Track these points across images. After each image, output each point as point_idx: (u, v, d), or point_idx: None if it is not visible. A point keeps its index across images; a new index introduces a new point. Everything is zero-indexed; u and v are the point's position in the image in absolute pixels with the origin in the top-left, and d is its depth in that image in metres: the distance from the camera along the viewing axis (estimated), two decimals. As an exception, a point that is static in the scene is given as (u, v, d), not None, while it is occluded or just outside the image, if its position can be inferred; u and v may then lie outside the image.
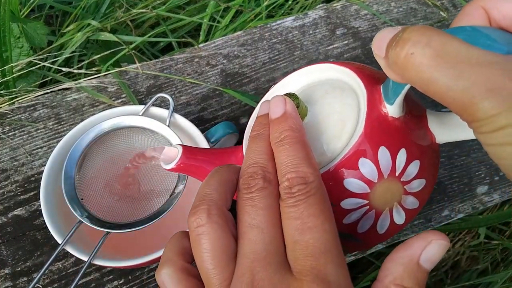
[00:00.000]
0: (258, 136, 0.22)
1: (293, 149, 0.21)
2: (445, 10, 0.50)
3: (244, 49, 0.46)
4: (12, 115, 0.41)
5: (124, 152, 0.33)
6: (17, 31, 0.45)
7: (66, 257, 0.34)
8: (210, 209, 0.20)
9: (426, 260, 0.20)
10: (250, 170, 0.21)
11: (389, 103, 0.22)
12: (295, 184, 0.19)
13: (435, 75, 0.16)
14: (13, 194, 0.37)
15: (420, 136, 0.24)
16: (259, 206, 0.20)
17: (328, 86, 0.25)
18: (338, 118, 0.24)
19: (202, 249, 0.19)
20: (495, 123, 0.15)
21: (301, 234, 0.19)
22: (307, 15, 0.48)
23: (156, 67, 0.44)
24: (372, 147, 0.22)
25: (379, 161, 0.22)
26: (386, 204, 0.23)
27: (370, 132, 0.22)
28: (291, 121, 0.22)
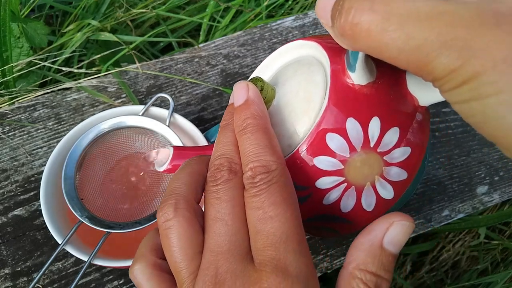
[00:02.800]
0: (226, 126, 0.22)
1: (255, 138, 0.20)
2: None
3: (244, 49, 0.46)
4: (12, 115, 0.41)
5: (124, 152, 0.33)
6: (17, 31, 0.45)
7: (66, 257, 0.34)
8: (177, 203, 0.20)
9: (389, 242, 0.19)
10: (216, 162, 0.21)
11: (351, 71, 0.21)
12: (258, 173, 0.19)
13: (385, 40, 0.15)
14: (13, 194, 0.37)
15: (397, 101, 0.22)
16: (224, 198, 0.20)
17: (297, 64, 0.25)
18: (305, 95, 0.23)
19: (170, 243, 0.19)
20: (456, 78, 0.14)
21: (263, 224, 0.19)
22: (307, 15, 0.48)
23: (156, 67, 0.44)
24: (339, 120, 0.21)
25: (348, 134, 0.21)
26: (366, 178, 0.21)
27: (334, 105, 0.21)
28: (253, 108, 0.21)
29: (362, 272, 0.19)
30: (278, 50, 0.26)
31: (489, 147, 0.41)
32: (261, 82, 0.23)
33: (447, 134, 0.41)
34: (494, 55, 0.13)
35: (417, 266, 0.53)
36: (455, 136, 0.41)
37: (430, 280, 0.51)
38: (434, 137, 0.41)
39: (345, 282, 0.19)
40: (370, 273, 0.19)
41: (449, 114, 0.42)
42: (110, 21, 0.50)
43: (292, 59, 0.26)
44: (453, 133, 0.41)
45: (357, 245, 0.20)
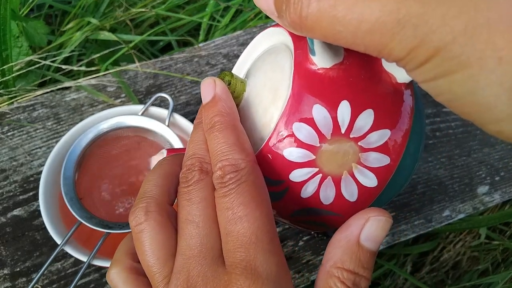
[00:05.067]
0: (198, 125, 0.22)
1: (223, 136, 0.20)
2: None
3: (244, 48, 0.46)
4: (11, 115, 0.40)
5: (123, 152, 0.33)
6: (17, 30, 0.45)
7: (65, 257, 0.34)
8: (148, 206, 0.19)
9: (366, 239, 0.19)
10: (188, 162, 0.20)
11: (312, 55, 0.19)
12: (227, 172, 0.19)
13: (337, 28, 0.14)
14: (12, 194, 0.37)
15: (370, 81, 0.20)
16: (195, 200, 0.19)
17: (266, 53, 0.24)
18: (272, 85, 0.21)
19: (142, 247, 0.19)
20: (417, 57, 0.13)
21: (232, 225, 0.18)
22: (307, 15, 0.48)
23: (155, 67, 0.44)
24: (304, 108, 0.19)
25: (316, 122, 0.19)
26: (342, 167, 0.20)
27: (298, 92, 0.19)
28: (221, 104, 0.21)
29: (340, 270, 0.18)
30: (252, 42, 0.25)
31: (490, 147, 0.41)
32: (229, 76, 0.22)
33: (448, 134, 0.41)
34: (452, 27, 0.12)
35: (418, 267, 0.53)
36: (455, 136, 0.41)
37: (430, 281, 0.51)
38: (435, 137, 0.41)
39: (323, 281, 0.19)
40: (347, 271, 0.18)
41: (450, 114, 0.41)
42: (110, 20, 0.50)
43: (265, 49, 0.25)
44: (454, 133, 0.41)
45: (334, 242, 0.19)
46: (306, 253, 0.35)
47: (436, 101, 0.16)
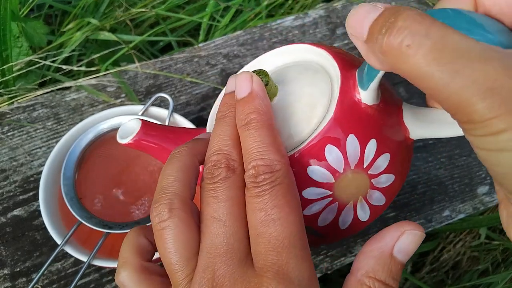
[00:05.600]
0: (223, 119, 0.21)
1: (259, 134, 0.19)
2: (446, 9, 0.49)
3: (244, 48, 0.46)
4: (11, 115, 0.40)
5: (123, 152, 0.33)
6: (17, 31, 0.45)
7: (65, 257, 0.34)
8: (172, 203, 0.19)
9: (399, 251, 0.19)
10: (213, 158, 0.20)
11: (363, 89, 0.21)
12: (261, 172, 0.18)
13: (432, 69, 0.14)
14: (12, 194, 0.37)
15: (393, 128, 0.22)
16: (222, 197, 0.19)
17: (302, 67, 0.24)
18: (309, 101, 0.22)
19: (165, 244, 0.19)
20: (492, 126, 0.14)
21: (265, 226, 0.18)
22: (307, 15, 0.48)
23: (155, 67, 0.44)
24: (341, 134, 0.21)
25: (347, 150, 0.21)
26: (351, 197, 0.22)
27: (340, 118, 0.21)
28: (258, 102, 0.20)
29: (371, 279, 0.19)
30: (280, 49, 0.26)
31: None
32: (267, 76, 0.22)
33: (448, 134, 0.41)
34: None
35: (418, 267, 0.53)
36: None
37: (430, 281, 0.51)
38: (435, 137, 0.41)
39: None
40: (379, 281, 0.19)
41: (450, 114, 0.42)
42: (110, 20, 0.50)
43: (293, 61, 0.25)
44: (454, 133, 0.41)
45: (366, 252, 0.19)
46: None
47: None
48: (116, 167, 0.33)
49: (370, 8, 0.16)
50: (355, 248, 0.36)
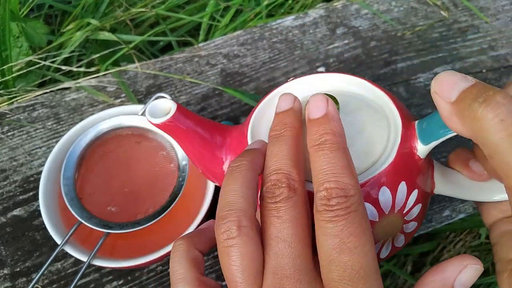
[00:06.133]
0: (280, 138, 0.21)
1: (334, 156, 0.19)
2: (445, 9, 0.49)
3: (244, 48, 0.46)
4: (11, 115, 0.40)
5: (123, 152, 0.33)
6: (17, 31, 0.45)
7: (65, 257, 0.34)
8: (240, 221, 0.19)
9: (460, 285, 0.19)
10: (273, 177, 0.20)
11: (423, 143, 0.22)
12: (334, 195, 0.18)
13: None
14: (12, 194, 0.37)
15: (428, 182, 0.24)
16: (285, 218, 0.19)
17: (361, 102, 0.25)
18: (368, 137, 0.23)
19: (232, 262, 0.19)
20: None
21: (339, 254, 0.18)
22: (307, 15, 0.48)
23: (155, 67, 0.44)
24: (396, 180, 0.22)
25: (396, 194, 0.22)
26: (382, 237, 0.23)
27: (398, 165, 0.22)
28: (333, 124, 0.20)
29: None
30: (333, 75, 0.26)
31: (490, 147, 0.41)
32: (338, 104, 0.22)
33: (448, 134, 0.41)
34: None
35: (418, 267, 0.53)
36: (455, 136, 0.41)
37: (430, 280, 0.51)
38: (435, 137, 0.41)
39: None
40: None
41: (450, 114, 0.42)
42: (110, 20, 0.50)
43: (347, 92, 0.26)
44: (454, 133, 0.41)
45: (427, 283, 0.20)
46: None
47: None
48: (116, 167, 0.33)
49: (462, 77, 0.18)
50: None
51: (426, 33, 0.47)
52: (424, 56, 0.45)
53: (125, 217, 0.31)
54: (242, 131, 0.26)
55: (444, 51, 0.46)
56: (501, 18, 0.49)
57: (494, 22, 0.49)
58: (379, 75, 0.44)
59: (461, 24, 0.48)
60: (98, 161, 0.32)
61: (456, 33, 0.48)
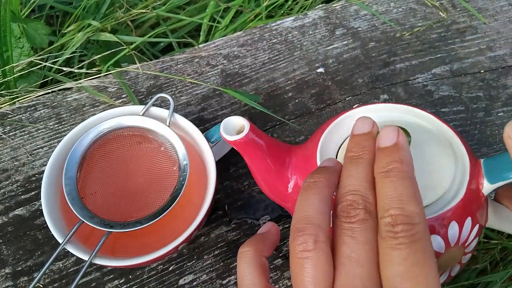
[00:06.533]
0: (358, 160, 0.21)
1: (401, 184, 0.19)
2: (444, 10, 0.50)
3: (244, 49, 0.46)
4: (13, 115, 0.41)
5: (124, 152, 0.33)
6: (18, 31, 0.45)
7: (67, 256, 0.34)
8: (317, 235, 0.19)
9: None
10: (349, 197, 0.20)
11: (490, 182, 0.23)
12: (399, 222, 0.18)
13: None
14: (13, 194, 0.37)
15: (484, 216, 0.26)
16: (360, 239, 0.19)
17: (430, 136, 0.26)
18: (437, 171, 0.24)
19: (305, 274, 0.19)
20: None
21: (403, 282, 0.18)
22: (306, 16, 0.49)
23: (156, 67, 0.44)
24: (464, 215, 0.23)
25: (463, 228, 0.23)
26: (443, 268, 0.24)
27: (467, 201, 0.23)
28: (402, 153, 0.21)
29: None
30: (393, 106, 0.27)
31: (488, 147, 0.41)
32: (410, 137, 0.23)
33: (446, 134, 0.42)
34: None
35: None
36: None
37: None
38: (434, 137, 0.41)
39: None
40: None
41: (448, 114, 0.42)
42: (111, 21, 0.50)
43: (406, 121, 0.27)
44: (452, 133, 0.42)
45: None
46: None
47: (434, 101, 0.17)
48: (117, 167, 0.33)
49: None
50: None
51: (425, 34, 0.48)
52: (423, 57, 0.46)
53: (126, 217, 0.31)
54: (308, 151, 0.27)
55: (442, 51, 0.46)
56: (499, 19, 0.49)
57: (492, 23, 0.49)
58: (378, 75, 0.44)
59: (460, 25, 0.49)
60: (100, 161, 0.33)
61: (455, 34, 0.48)
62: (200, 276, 0.34)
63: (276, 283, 0.34)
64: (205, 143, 0.33)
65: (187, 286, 0.34)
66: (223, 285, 0.34)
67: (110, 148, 0.33)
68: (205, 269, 0.34)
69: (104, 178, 0.32)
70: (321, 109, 0.42)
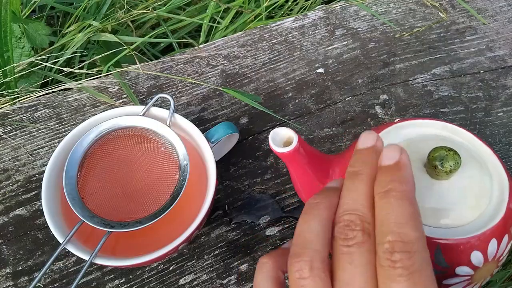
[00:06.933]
0: (357, 176, 0.21)
1: (398, 205, 0.19)
2: (444, 10, 0.50)
3: (244, 49, 0.46)
4: (13, 115, 0.41)
5: (124, 152, 0.34)
6: (19, 32, 0.45)
7: (67, 256, 0.35)
8: (313, 261, 0.19)
9: None
10: (346, 217, 0.19)
11: None
12: (397, 250, 0.17)
13: None
14: (14, 194, 0.37)
15: None
16: (357, 263, 0.18)
17: (468, 154, 0.27)
18: (477, 193, 0.25)
19: None
20: None
21: None
22: (306, 16, 0.49)
23: (156, 68, 0.44)
24: (503, 232, 0.25)
25: (500, 246, 0.25)
26: (477, 280, 0.25)
27: (506, 220, 0.25)
28: (403, 172, 0.20)
29: None
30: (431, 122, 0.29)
31: (488, 147, 0.41)
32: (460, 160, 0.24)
33: (446, 134, 0.42)
34: None
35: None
36: None
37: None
38: (433, 137, 0.41)
39: None
40: None
41: (448, 114, 0.42)
42: (111, 22, 0.50)
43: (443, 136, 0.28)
44: (452, 133, 0.42)
45: None
46: (305, 252, 0.36)
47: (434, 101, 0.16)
48: (117, 167, 0.33)
49: None
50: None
51: (424, 34, 0.48)
52: (422, 57, 0.46)
53: (126, 216, 0.31)
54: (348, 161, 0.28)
55: (442, 52, 0.46)
56: (499, 20, 0.50)
57: (491, 23, 0.49)
58: (377, 76, 0.45)
59: (459, 26, 0.49)
60: (100, 161, 0.33)
61: (454, 34, 0.48)
62: (200, 276, 0.34)
63: (276, 283, 0.34)
64: (205, 143, 0.33)
65: (187, 286, 0.34)
66: (223, 285, 0.34)
67: (111, 148, 0.33)
68: (205, 269, 0.35)
69: (105, 178, 0.32)
70: (321, 109, 0.42)
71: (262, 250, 0.36)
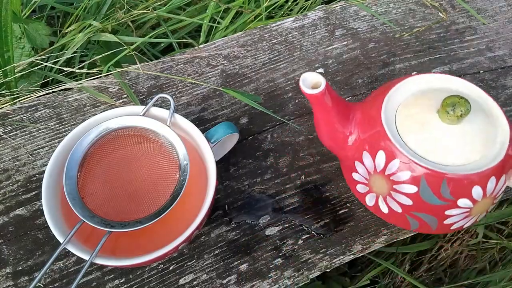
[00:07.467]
0: None
1: None
2: (443, 11, 0.50)
3: (244, 49, 0.46)
4: (13, 115, 0.41)
5: (125, 152, 0.34)
6: (19, 32, 0.45)
7: (67, 256, 0.35)
8: None
9: None
10: None
11: None
12: None
13: None
14: (14, 194, 0.37)
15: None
16: None
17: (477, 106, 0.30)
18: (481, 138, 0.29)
19: None
20: None
21: None
22: (306, 16, 0.49)
23: (156, 68, 0.44)
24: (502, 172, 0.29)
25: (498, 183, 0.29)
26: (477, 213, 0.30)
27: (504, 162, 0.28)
28: None
29: None
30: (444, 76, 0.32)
31: (487, 147, 0.41)
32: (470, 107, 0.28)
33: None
34: None
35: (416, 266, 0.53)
36: None
37: (428, 279, 0.52)
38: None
39: None
40: None
41: (448, 115, 0.42)
42: (111, 22, 0.50)
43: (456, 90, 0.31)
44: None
45: None
46: (305, 252, 0.36)
47: None
48: (118, 167, 0.33)
49: None
50: (353, 247, 0.36)
51: (424, 34, 0.48)
52: (422, 57, 0.46)
53: (126, 216, 0.31)
54: (372, 111, 0.31)
55: (442, 52, 0.47)
56: (499, 20, 0.50)
57: (491, 24, 0.49)
58: (377, 76, 0.45)
59: (459, 26, 0.49)
60: (100, 161, 0.33)
61: (454, 35, 0.48)
62: (200, 275, 0.34)
63: (276, 283, 0.34)
64: (206, 143, 0.33)
65: (187, 286, 0.34)
66: (223, 284, 0.34)
67: (111, 148, 0.33)
68: (205, 268, 0.35)
69: (105, 178, 0.32)
70: (320, 109, 0.42)
71: (262, 250, 0.36)
